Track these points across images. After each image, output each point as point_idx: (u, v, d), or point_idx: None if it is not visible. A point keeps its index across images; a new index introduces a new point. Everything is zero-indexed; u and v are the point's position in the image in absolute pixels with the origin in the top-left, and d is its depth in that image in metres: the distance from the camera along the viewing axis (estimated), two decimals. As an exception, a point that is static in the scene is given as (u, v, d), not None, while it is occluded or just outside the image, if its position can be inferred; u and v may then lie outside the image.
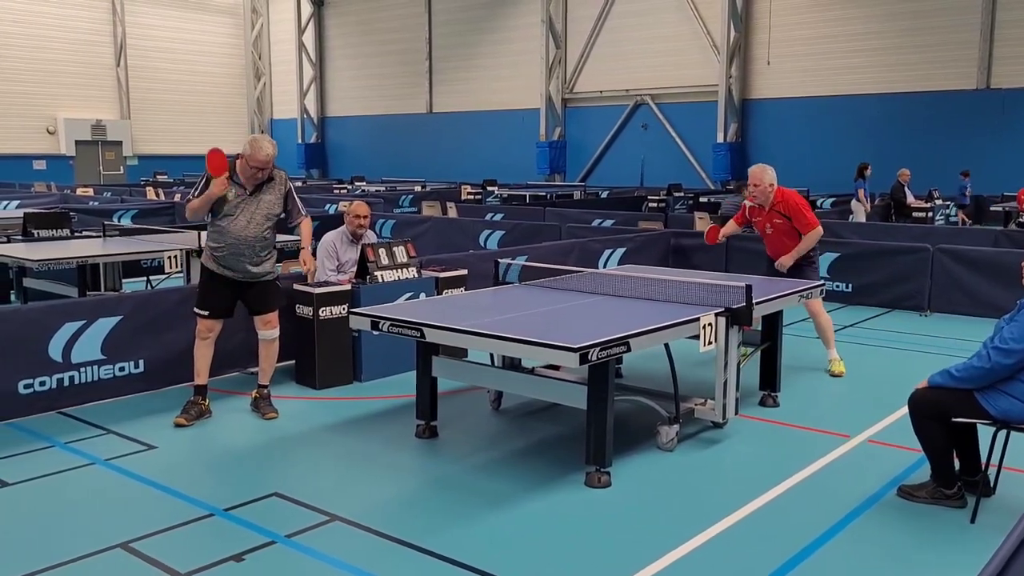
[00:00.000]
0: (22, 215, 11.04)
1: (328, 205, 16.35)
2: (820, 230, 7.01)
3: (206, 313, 5.77)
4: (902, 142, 21.58)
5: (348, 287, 6.70)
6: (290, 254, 9.92)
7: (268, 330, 5.95)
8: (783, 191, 7.02)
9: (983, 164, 20.39)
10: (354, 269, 7.08)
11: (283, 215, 5.87)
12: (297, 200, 5.92)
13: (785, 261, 6.98)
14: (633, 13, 26.12)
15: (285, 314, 6.80)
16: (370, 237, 7.48)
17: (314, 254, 6.26)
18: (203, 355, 5.83)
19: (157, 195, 19.84)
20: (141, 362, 6.30)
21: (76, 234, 10.63)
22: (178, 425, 5.60)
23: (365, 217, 7.31)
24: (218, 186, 5.52)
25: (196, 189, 5.66)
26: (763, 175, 6.94)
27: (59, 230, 10.46)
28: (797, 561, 3.89)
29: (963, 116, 21.03)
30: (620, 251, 10.88)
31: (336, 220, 9.88)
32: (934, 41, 21.27)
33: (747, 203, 7.25)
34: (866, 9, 22.26)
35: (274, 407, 5.91)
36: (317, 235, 7.25)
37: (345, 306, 6.54)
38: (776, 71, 23.84)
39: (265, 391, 5.98)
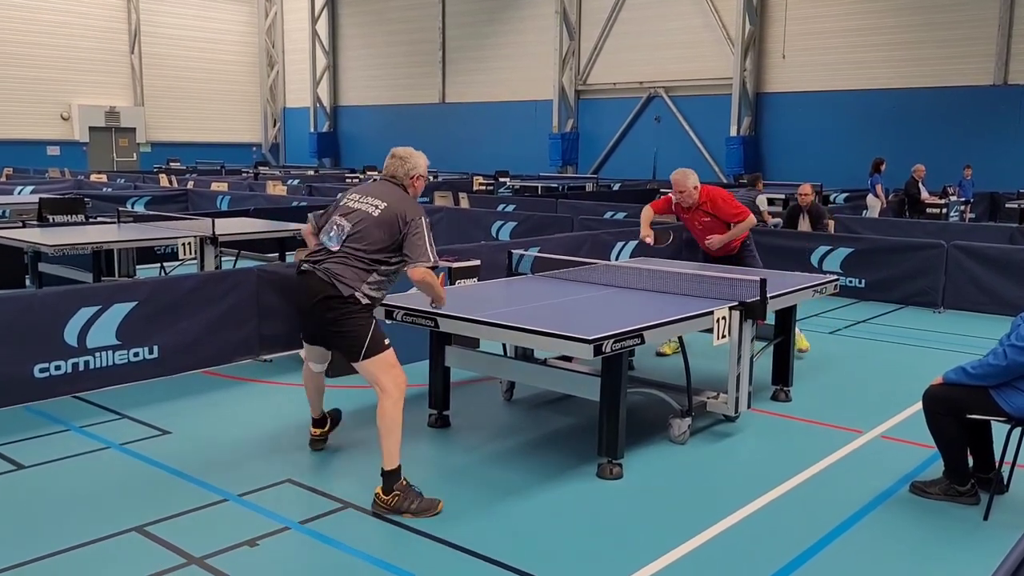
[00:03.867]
0: (37, 200, 11.11)
1: (341, 195, 16.33)
2: (752, 218, 7.16)
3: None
4: (917, 138, 21.42)
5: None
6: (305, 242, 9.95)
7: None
8: (707, 190, 7.08)
9: (1000, 161, 20.24)
10: None
11: None
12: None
13: (714, 242, 7.06)
14: (647, 5, 25.99)
15: (298, 302, 6.82)
16: None
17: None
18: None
19: (170, 182, 19.94)
20: (155, 348, 6.33)
21: (91, 220, 10.69)
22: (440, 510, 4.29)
23: None
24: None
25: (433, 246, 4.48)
26: (686, 180, 6.98)
27: (74, 216, 10.52)
28: (809, 556, 3.89)
29: (980, 112, 20.85)
30: (632, 243, 10.86)
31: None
32: (951, 36, 21.09)
33: (673, 197, 7.25)
34: (882, 3, 22.08)
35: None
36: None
37: (358, 295, 6.54)
38: (791, 65, 23.69)
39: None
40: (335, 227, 4.50)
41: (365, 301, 4.38)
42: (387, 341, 4.40)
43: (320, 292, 4.34)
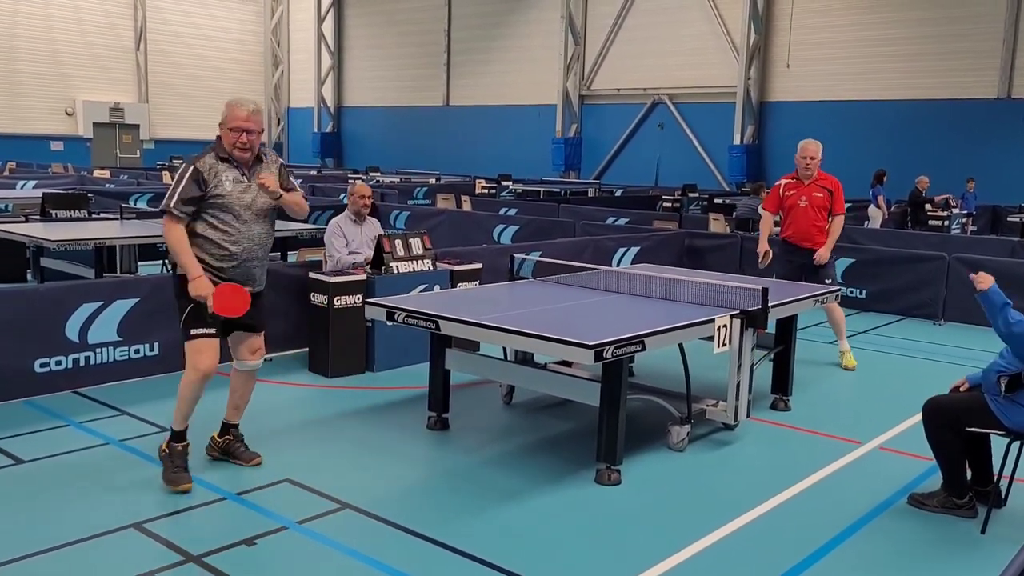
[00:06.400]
0: (40, 195, 11.12)
1: (343, 195, 16.38)
2: (842, 220, 7.41)
3: (214, 331, 4.42)
4: (921, 149, 21.44)
5: (363, 277, 6.73)
6: (307, 242, 9.99)
7: (257, 359, 4.82)
8: (826, 174, 7.41)
9: (1002, 174, 20.25)
10: (361, 250, 7.12)
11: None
12: (292, 180, 4.81)
13: (824, 254, 7.25)
14: (653, 11, 26.03)
15: (300, 302, 6.85)
16: (375, 225, 7.52)
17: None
18: (198, 397, 4.50)
19: (173, 179, 19.90)
20: (156, 345, 6.34)
21: (93, 216, 10.70)
22: (186, 492, 4.37)
23: (368, 197, 7.42)
24: (198, 290, 4.34)
25: (174, 194, 4.38)
26: (819, 149, 7.32)
27: (77, 211, 10.54)
28: (805, 566, 3.89)
29: (983, 125, 20.87)
30: (634, 250, 10.87)
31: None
32: (956, 49, 21.11)
33: (781, 181, 7.52)
34: (888, 15, 22.11)
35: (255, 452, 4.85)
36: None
37: (360, 296, 6.57)
38: (796, 74, 23.71)
39: (239, 433, 4.88)
40: None
41: (179, 272, 4.42)
42: (195, 331, 4.34)
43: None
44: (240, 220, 4.47)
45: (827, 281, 7.14)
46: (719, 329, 5.03)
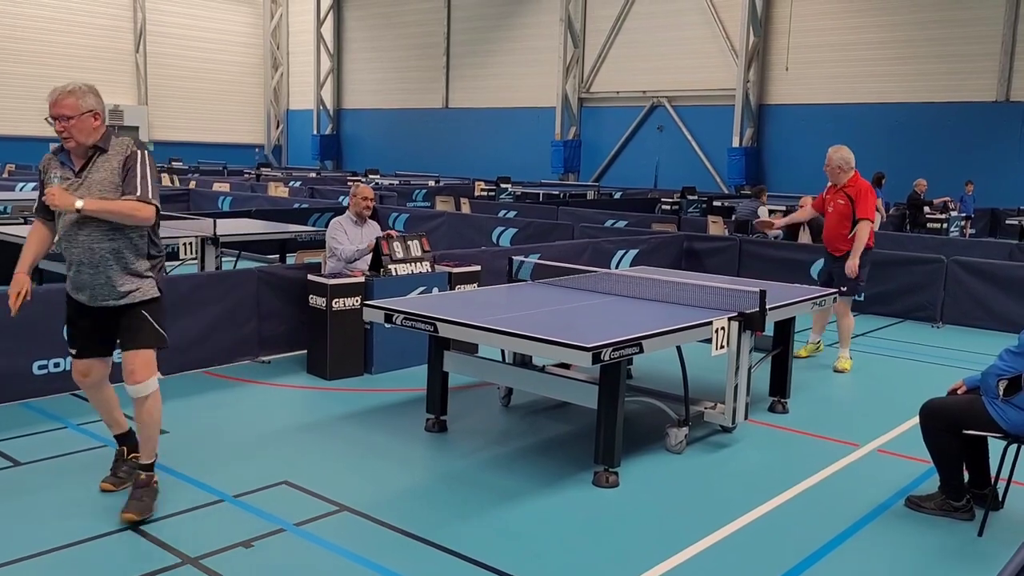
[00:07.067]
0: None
1: (342, 197, 16.42)
2: (868, 223, 7.22)
3: (74, 352, 4.30)
4: (919, 152, 21.48)
5: (362, 279, 6.73)
6: (306, 244, 10.00)
7: (130, 383, 4.13)
8: (860, 180, 7.33)
9: (1000, 177, 20.29)
10: (363, 246, 7.13)
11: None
12: (141, 177, 3.95)
13: (851, 265, 7.21)
14: (652, 14, 26.07)
15: (299, 304, 6.86)
16: (375, 228, 7.53)
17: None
18: (99, 401, 4.43)
19: (172, 182, 19.95)
20: (154, 347, 6.33)
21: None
22: (105, 491, 4.35)
23: (370, 199, 7.44)
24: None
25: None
26: (832, 154, 7.32)
27: (76, 213, 10.51)
28: (802, 568, 3.89)
29: (981, 128, 20.91)
30: (633, 252, 10.88)
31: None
32: (955, 52, 21.16)
33: (827, 185, 7.57)
34: (887, 18, 22.15)
35: (150, 498, 4.11)
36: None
37: (358, 298, 6.57)
38: (794, 77, 23.76)
39: (143, 477, 4.18)
40: None
41: None
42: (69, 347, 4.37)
43: None
44: (61, 222, 4.04)
45: (843, 289, 7.15)
46: (717, 331, 5.04)
